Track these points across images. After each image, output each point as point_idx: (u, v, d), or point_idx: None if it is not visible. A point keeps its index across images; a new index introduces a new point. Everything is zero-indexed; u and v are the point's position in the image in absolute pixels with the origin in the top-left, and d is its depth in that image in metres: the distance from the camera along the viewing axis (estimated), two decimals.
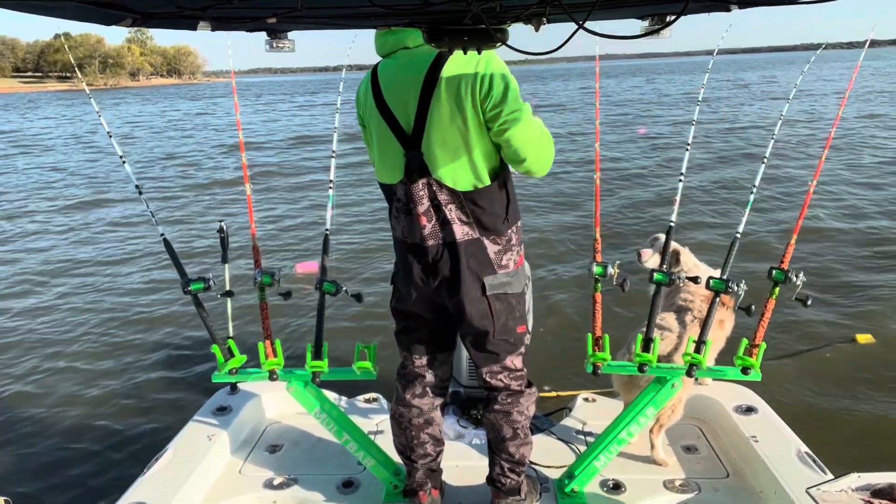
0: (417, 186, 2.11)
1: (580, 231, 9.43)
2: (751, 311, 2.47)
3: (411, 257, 2.21)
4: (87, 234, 11.10)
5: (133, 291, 7.95)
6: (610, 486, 2.77)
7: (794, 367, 5.24)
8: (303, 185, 14.86)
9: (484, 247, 2.15)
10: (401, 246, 2.27)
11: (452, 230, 2.11)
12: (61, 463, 4.47)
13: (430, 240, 2.15)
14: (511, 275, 2.22)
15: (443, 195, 2.10)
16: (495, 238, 2.17)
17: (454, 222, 2.11)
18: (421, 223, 2.14)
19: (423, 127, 2.05)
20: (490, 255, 2.16)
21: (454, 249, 2.13)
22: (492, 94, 2.00)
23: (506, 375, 2.35)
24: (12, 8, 1.61)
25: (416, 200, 2.12)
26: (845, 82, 17.19)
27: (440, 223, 2.13)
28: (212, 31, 2.22)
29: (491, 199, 2.14)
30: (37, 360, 6.13)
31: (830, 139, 2.90)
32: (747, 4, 1.92)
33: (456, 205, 2.10)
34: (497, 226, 2.16)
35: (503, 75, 2.02)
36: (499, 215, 2.17)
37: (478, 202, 2.11)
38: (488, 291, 2.17)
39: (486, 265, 2.16)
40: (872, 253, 8.11)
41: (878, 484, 1.86)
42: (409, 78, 2.07)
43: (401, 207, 2.20)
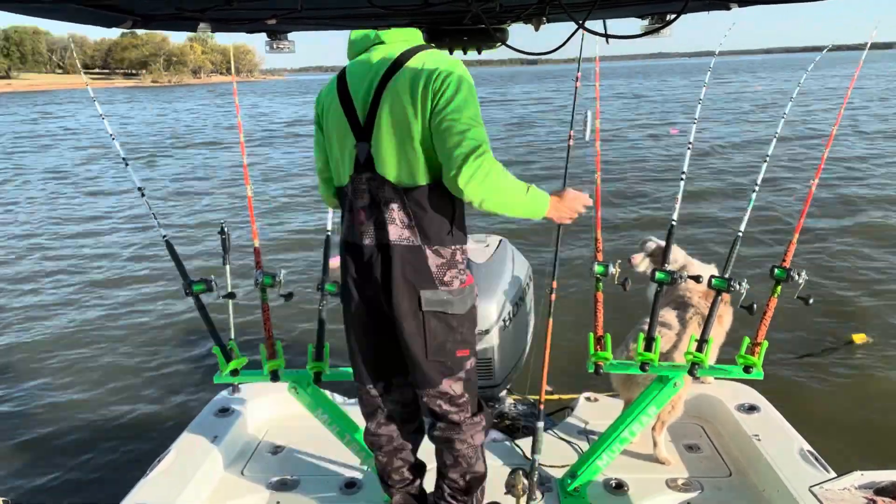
0: (360, 180, 1.99)
1: (580, 231, 9.43)
2: (752, 309, 2.47)
3: (349, 258, 2.09)
4: (86, 233, 11.12)
5: (134, 292, 7.95)
6: (612, 485, 2.77)
7: (796, 366, 5.24)
8: (303, 183, 14.88)
9: (425, 257, 1.98)
10: (342, 247, 2.13)
11: (388, 231, 1.96)
12: (62, 465, 4.47)
13: (366, 238, 2.01)
14: (454, 293, 2.03)
15: (385, 192, 1.96)
16: (439, 250, 1.99)
17: (393, 222, 1.96)
18: (360, 219, 2.01)
19: (374, 116, 1.95)
20: (431, 267, 1.99)
21: (388, 252, 1.98)
22: (446, 91, 1.87)
23: (445, 402, 2.14)
24: (14, 10, 1.61)
25: (358, 194, 2.00)
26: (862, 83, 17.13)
27: (378, 223, 1.98)
28: (212, 33, 2.22)
29: (436, 202, 1.97)
30: (37, 361, 6.14)
31: (832, 139, 2.89)
32: (747, 3, 1.92)
33: (398, 205, 1.95)
34: (442, 236, 2.00)
35: (463, 80, 1.90)
36: (444, 225, 2.00)
37: (422, 203, 1.96)
38: (424, 307, 1.99)
39: (426, 278, 1.99)
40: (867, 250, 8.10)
41: (881, 482, 1.85)
42: (374, 67, 1.99)
43: (346, 205, 2.08)
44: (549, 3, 1.88)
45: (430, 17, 2.10)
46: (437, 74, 1.89)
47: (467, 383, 2.16)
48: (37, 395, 5.48)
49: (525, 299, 3.47)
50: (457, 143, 1.83)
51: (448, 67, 1.91)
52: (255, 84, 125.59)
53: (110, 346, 6.42)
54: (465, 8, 1.91)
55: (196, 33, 2.20)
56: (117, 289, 8.17)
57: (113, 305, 7.57)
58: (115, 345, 6.46)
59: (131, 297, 7.84)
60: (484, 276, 3.29)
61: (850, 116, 21.54)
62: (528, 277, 3.57)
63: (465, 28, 2.18)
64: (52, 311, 7.48)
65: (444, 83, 1.87)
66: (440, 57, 1.97)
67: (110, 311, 7.37)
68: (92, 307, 7.55)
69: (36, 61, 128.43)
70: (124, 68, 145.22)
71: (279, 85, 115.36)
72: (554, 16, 2.15)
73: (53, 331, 6.88)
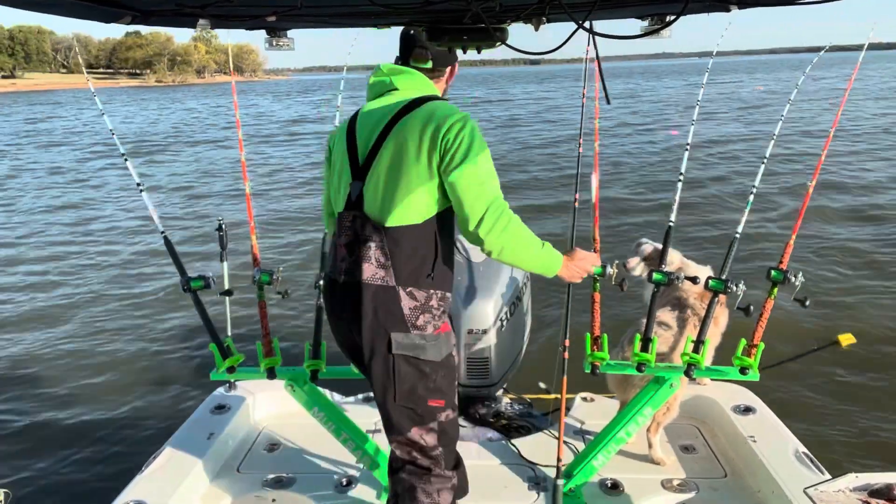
0: (347, 217, 2.00)
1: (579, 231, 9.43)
2: (749, 311, 2.47)
3: (328, 291, 2.10)
4: (84, 229, 11.10)
5: (131, 289, 7.95)
6: (608, 485, 2.77)
7: (791, 367, 5.25)
8: (302, 182, 14.87)
9: (398, 298, 1.93)
10: (326, 278, 2.14)
11: (362, 269, 1.93)
12: (58, 460, 4.47)
13: (343, 275, 2.00)
14: (428, 339, 1.96)
15: (366, 231, 1.95)
16: (413, 292, 1.94)
17: (368, 260, 1.93)
18: (340, 255, 2.02)
19: (373, 158, 1.98)
20: (404, 309, 1.93)
21: (358, 290, 1.94)
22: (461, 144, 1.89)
23: (416, 451, 2.06)
24: (14, 5, 1.61)
25: (343, 231, 2.01)
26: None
27: (354, 260, 1.97)
28: (212, 29, 2.22)
29: (417, 241, 1.95)
30: (33, 357, 6.13)
31: (829, 141, 2.90)
32: (747, 4, 1.93)
33: (377, 244, 1.93)
34: (419, 279, 1.95)
35: (475, 133, 1.93)
36: (423, 267, 1.96)
37: (401, 242, 1.93)
38: (394, 350, 1.94)
39: (398, 320, 1.93)
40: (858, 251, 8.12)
41: (875, 484, 1.86)
42: (384, 110, 2.03)
43: (333, 241, 2.10)
44: (550, 2, 1.88)
45: (430, 15, 2.10)
46: (450, 125, 1.91)
47: (442, 436, 2.06)
48: (33, 392, 5.47)
49: (522, 299, 3.47)
50: (476, 194, 1.88)
51: (460, 119, 1.93)
52: (259, 84, 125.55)
53: (106, 342, 6.41)
54: (465, 7, 1.91)
55: (196, 30, 2.20)
56: (114, 285, 8.16)
57: (109, 301, 7.56)
58: (112, 341, 6.45)
59: (128, 292, 7.83)
60: (482, 275, 3.30)
61: (850, 116, 21.59)
62: (525, 277, 3.57)
63: (465, 27, 2.18)
64: (48, 306, 7.47)
65: (457, 135, 1.90)
66: (451, 108, 1.99)
67: (107, 307, 7.37)
68: (88, 303, 7.54)
69: (40, 61, 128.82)
70: (129, 68, 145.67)
71: (282, 84, 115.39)
72: (554, 16, 2.16)
73: (49, 327, 6.87)
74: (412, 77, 2.09)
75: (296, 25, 2.35)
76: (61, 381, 5.64)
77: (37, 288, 8.17)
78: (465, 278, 3.35)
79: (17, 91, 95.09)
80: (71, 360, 6.06)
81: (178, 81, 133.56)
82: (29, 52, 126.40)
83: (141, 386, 5.49)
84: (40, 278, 8.55)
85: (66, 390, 5.47)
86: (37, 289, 8.14)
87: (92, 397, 5.34)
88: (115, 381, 5.60)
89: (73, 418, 5.01)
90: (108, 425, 4.88)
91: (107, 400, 5.28)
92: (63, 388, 5.52)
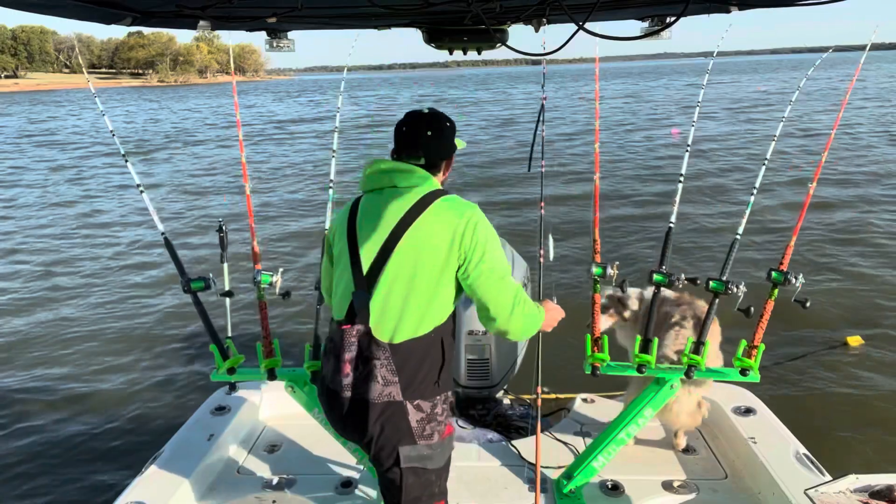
0: (351, 331, 1.92)
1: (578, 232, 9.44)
2: (749, 312, 2.47)
3: (330, 403, 2.01)
4: (84, 229, 11.11)
5: (131, 290, 7.95)
6: (608, 486, 2.77)
7: (792, 368, 5.25)
8: (302, 182, 14.87)
9: (405, 412, 1.90)
10: (323, 388, 2.05)
11: (370, 387, 1.89)
12: (58, 461, 4.47)
13: (347, 391, 1.93)
14: (434, 447, 1.96)
15: (372, 348, 1.90)
16: (420, 404, 1.92)
17: (376, 380, 1.88)
18: (344, 371, 1.93)
19: (381, 269, 1.90)
20: (412, 422, 1.91)
21: (365, 408, 1.90)
22: (478, 243, 1.88)
23: None
24: (15, 7, 1.61)
25: (346, 346, 1.93)
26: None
27: (362, 377, 1.91)
28: (212, 31, 2.22)
29: (425, 352, 1.92)
30: (32, 357, 6.13)
31: (830, 141, 2.90)
32: (747, 5, 1.93)
33: (384, 360, 1.89)
34: (425, 390, 1.93)
35: (489, 228, 1.93)
36: (430, 375, 1.94)
37: (410, 357, 1.90)
38: (403, 464, 1.93)
39: (406, 434, 1.92)
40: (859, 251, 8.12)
41: (876, 485, 1.86)
42: (387, 214, 1.93)
43: (331, 349, 2.01)
44: (550, 4, 1.88)
45: (430, 17, 2.10)
46: (466, 226, 1.88)
47: None
48: (31, 392, 5.46)
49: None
50: (499, 290, 1.91)
51: (472, 215, 1.90)
52: (261, 83, 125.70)
53: (107, 343, 6.41)
54: (465, 8, 1.91)
55: (197, 32, 2.20)
56: (114, 285, 8.16)
57: (110, 302, 7.56)
58: (112, 341, 6.45)
59: (129, 293, 7.83)
60: None
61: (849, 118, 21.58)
62: (525, 279, 3.57)
63: (465, 28, 2.18)
64: (49, 306, 7.47)
65: (474, 234, 1.88)
66: (459, 204, 1.93)
67: (107, 308, 7.36)
68: (88, 304, 7.54)
69: (43, 61, 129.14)
70: (131, 68, 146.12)
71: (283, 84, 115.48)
72: (554, 17, 2.16)
73: (49, 327, 6.87)
74: (411, 175, 1.97)
75: (296, 27, 2.36)
76: (61, 381, 5.64)
77: (37, 287, 8.17)
78: None
79: (20, 91, 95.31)
80: (71, 361, 6.06)
81: (180, 81, 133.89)
82: (32, 52, 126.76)
83: (141, 387, 5.49)
84: (36, 274, 8.55)
85: (66, 391, 5.47)
86: (34, 288, 8.14)
87: (92, 398, 5.34)
88: (115, 382, 5.60)
89: (73, 419, 5.01)
90: (108, 426, 4.88)
91: (107, 401, 5.28)
92: (63, 388, 5.52)
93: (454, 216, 1.89)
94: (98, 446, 4.62)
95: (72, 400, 5.32)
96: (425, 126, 2.00)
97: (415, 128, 2.00)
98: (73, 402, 5.29)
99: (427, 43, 2.22)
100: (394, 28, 2.37)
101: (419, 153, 2.00)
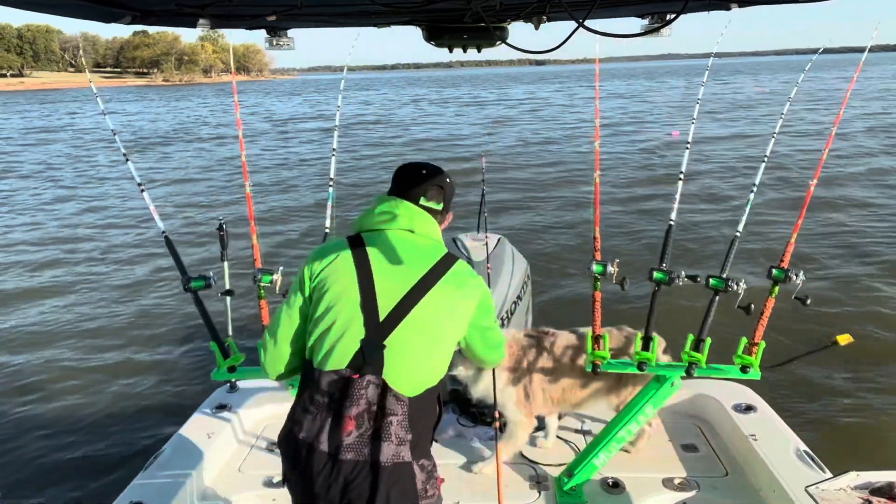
0: (360, 383, 1.72)
1: (578, 231, 9.44)
2: (750, 310, 2.47)
3: (315, 470, 1.72)
4: (85, 228, 11.11)
5: (132, 288, 7.95)
6: (609, 484, 2.77)
7: (793, 366, 5.23)
8: (302, 180, 14.87)
9: (413, 474, 1.75)
10: (302, 449, 1.76)
11: (381, 448, 1.70)
12: (59, 461, 4.47)
13: (349, 453, 1.70)
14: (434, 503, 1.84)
15: (388, 402, 1.72)
16: (423, 462, 1.79)
17: (389, 439, 1.71)
18: (346, 429, 1.70)
19: (401, 318, 1.75)
20: (418, 484, 1.76)
21: (376, 474, 1.70)
22: (487, 307, 1.96)
23: None
24: (14, 5, 1.61)
25: (354, 399, 1.71)
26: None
27: (371, 435, 1.71)
28: (212, 29, 2.22)
29: (430, 406, 1.83)
30: (34, 357, 6.13)
31: (831, 140, 2.90)
32: (747, 3, 1.92)
33: (400, 417, 1.72)
34: (426, 446, 1.82)
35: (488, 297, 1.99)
36: (429, 430, 1.85)
37: (422, 411, 1.79)
38: None
39: (411, 497, 1.75)
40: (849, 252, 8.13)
41: (877, 482, 1.86)
42: (413, 262, 1.82)
43: (324, 402, 1.75)
44: (550, 1, 1.88)
45: (430, 14, 2.10)
46: (482, 293, 1.94)
47: None
48: (31, 392, 5.47)
49: (523, 298, 3.47)
50: (495, 341, 2.05)
51: (482, 283, 1.96)
52: (264, 83, 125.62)
53: (107, 342, 6.41)
54: (465, 6, 1.91)
55: (199, 30, 2.20)
56: (115, 284, 8.16)
57: (110, 301, 7.56)
58: (112, 340, 6.45)
59: (129, 292, 7.83)
60: (481, 273, 3.29)
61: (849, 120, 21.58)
62: (525, 275, 3.57)
63: (465, 26, 2.18)
64: (49, 305, 7.47)
65: (485, 300, 1.95)
66: (471, 270, 1.95)
67: (107, 307, 7.36)
68: (89, 302, 7.55)
69: (48, 59, 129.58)
70: (136, 67, 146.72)
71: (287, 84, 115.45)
72: (554, 14, 2.16)
73: (49, 326, 6.87)
74: (429, 223, 1.91)
75: (296, 25, 2.36)
76: (61, 382, 5.65)
77: (36, 287, 8.17)
78: None
79: (25, 89, 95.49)
80: (71, 361, 6.06)
81: (184, 81, 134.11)
82: (37, 51, 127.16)
83: (142, 386, 5.49)
84: (37, 274, 8.55)
85: (66, 391, 5.47)
86: (35, 287, 8.13)
87: (93, 398, 5.34)
88: (115, 381, 5.60)
89: (73, 419, 5.01)
90: (108, 425, 4.88)
91: (107, 400, 5.28)
92: (63, 389, 5.52)
93: (474, 279, 1.92)
94: (98, 445, 4.62)
95: (71, 399, 5.32)
96: (443, 175, 1.99)
97: (433, 173, 1.96)
98: (72, 401, 5.30)
99: (427, 41, 2.22)
100: (394, 26, 2.37)
101: (440, 196, 1.96)
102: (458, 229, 4.05)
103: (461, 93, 56.94)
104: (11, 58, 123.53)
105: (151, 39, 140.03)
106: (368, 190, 12.91)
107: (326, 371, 1.75)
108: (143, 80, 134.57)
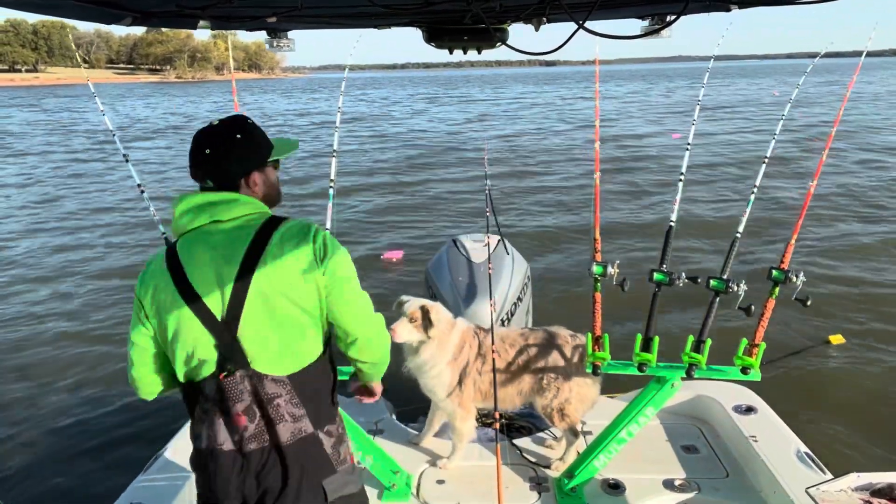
0: (234, 380, 1.72)
1: (579, 231, 9.44)
2: (750, 311, 2.47)
3: (226, 471, 1.76)
4: (85, 228, 11.11)
5: (131, 289, 7.92)
6: (610, 485, 2.77)
7: (793, 367, 5.24)
8: (302, 178, 14.87)
9: (320, 442, 1.78)
10: (208, 458, 1.79)
11: (278, 430, 1.73)
12: (58, 463, 4.46)
13: (252, 443, 1.73)
14: (350, 471, 1.86)
15: (268, 387, 1.73)
16: (329, 429, 1.81)
17: (282, 420, 1.73)
18: (241, 424, 1.73)
19: (241, 307, 1.70)
20: (327, 450, 1.80)
21: (281, 455, 1.74)
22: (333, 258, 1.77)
23: None
24: (15, 7, 1.61)
25: (236, 397, 1.72)
26: None
27: (265, 422, 1.74)
28: (212, 31, 2.22)
29: (321, 374, 1.82)
30: (31, 357, 6.13)
31: (830, 140, 2.90)
32: (747, 4, 1.93)
33: (285, 397, 1.74)
34: (330, 411, 1.84)
35: (337, 244, 1.81)
36: (327, 397, 1.84)
37: (309, 384, 1.78)
38: (330, 497, 1.79)
39: (325, 464, 1.79)
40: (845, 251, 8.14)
41: (877, 484, 1.86)
42: (226, 251, 1.72)
43: (211, 408, 1.76)
44: (550, 3, 1.88)
45: (430, 16, 2.10)
46: (316, 244, 1.76)
47: None
48: (31, 393, 5.46)
49: (523, 299, 3.47)
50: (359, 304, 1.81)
51: (320, 233, 1.79)
52: (276, 82, 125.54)
53: (107, 343, 6.41)
54: (465, 8, 1.91)
55: (198, 31, 2.20)
56: (114, 285, 8.16)
57: (110, 301, 7.56)
58: (112, 342, 6.44)
59: (129, 293, 7.82)
60: (482, 275, 3.29)
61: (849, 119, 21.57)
62: (526, 277, 3.57)
63: (465, 27, 2.18)
64: (49, 306, 7.47)
65: (320, 245, 1.76)
66: (296, 221, 1.81)
67: (107, 307, 7.36)
68: (89, 303, 7.54)
69: (63, 55, 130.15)
70: (149, 64, 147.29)
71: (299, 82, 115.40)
72: (554, 16, 2.16)
73: (49, 327, 6.87)
74: (233, 206, 1.77)
75: (296, 26, 2.36)
76: (61, 382, 5.64)
77: (35, 286, 8.17)
78: (465, 278, 3.35)
79: (40, 84, 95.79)
80: (71, 361, 6.06)
81: (197, 78, 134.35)
82: (52, 47, 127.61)
83: None
84: (37, 273, 8.56)
85: (66, 392, 5.47)
86: (35, 288, 8.14)
87: (93, 399, 5.34)
88: (115, 382, 5.60)
89: (73, 420, 5.00)
90: (108, 426, 4.88)
91: (107, 401, 5.27)
92: (63, 389, 5.52)
93: (298, 230, 1.77)
94: (98, 446, 4.62)
95: (71, 400, 5.32)
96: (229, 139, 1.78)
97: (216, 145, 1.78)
98: (72, 402, 5.29)
99: (427, 42, 2.22)
100: (394, 27, 2.37)
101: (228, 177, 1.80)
102: (458, 229, 4.04)
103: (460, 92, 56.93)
104: (27, 53, 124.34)
105: (165, 36, 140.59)
106: (370, 189, 12.88)
107: (199, 381, 1.76)
108: (155, 76, 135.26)
